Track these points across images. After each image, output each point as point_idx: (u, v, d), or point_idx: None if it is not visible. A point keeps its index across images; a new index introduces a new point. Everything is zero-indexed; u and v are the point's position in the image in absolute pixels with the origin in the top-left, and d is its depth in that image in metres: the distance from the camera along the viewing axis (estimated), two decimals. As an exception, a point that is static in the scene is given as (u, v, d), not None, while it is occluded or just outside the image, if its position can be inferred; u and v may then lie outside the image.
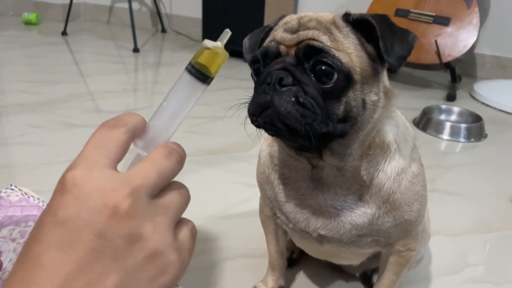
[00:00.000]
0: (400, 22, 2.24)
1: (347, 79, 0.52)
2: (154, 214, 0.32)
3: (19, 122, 1.69)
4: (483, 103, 2.20)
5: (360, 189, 0.62)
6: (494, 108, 2.14)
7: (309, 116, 0.51)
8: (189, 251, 0.35)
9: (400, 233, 0.68)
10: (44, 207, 1.07)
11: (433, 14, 2.19)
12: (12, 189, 1.14)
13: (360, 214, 0.63)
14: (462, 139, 1.74)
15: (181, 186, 0.36)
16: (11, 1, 3.62)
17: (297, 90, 0.51)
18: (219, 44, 0.41)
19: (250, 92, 0.58)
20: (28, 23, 3.34)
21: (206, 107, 2.02)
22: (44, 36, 3.14)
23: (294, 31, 0.56)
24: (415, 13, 2.22)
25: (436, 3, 2.20)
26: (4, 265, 0.90)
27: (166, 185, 0.35)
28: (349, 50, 0.53)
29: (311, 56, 0.52)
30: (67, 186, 0.31)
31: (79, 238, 0.30)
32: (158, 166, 0.34)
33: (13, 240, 0.97)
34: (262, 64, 0.57)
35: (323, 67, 0.52)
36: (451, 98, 2.21)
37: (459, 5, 2.16)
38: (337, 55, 0.52)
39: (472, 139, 1.75)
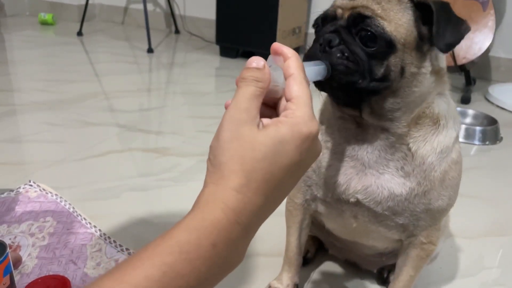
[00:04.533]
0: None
1: (389, 46, 0.58)
2: None
3: (36, 120, 1.72)
4: (498, 106, 2.18)
5: (405, 158, 0.65)
6: (509, 111, 2.12)
7: (353, 67, 0.57)
8: None
9: (428, 220, 0.69)
10: (61, 203, 1.09)
11: (448, 16, 2.17)
12: (31, 185, 1.16)
13: (399, 183, 0.65)
14: (477, 142, 1.73)
15: None
16: (27, 2, 3.68)
17: (343, 48, 0.58)
18: None
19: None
20: (44, 23, 3.39)
21: (219, 107, 2.03)
22: (60, 36, 3.18)
23: None
24: (430, 15, 2.21)
25: (451, 5, 2.18)
26: (23, 259, 0.92)
27: None
28: (399, 22, 0.59)
29: (359, 22, 0.58)
30: (312, 135, 0.41)
31: (303, 170, 0.43)
32: None
33: (32, 235, 0.99)
34: (321, 26, 0.63)
35: (367, 33, 0.58)
36: (465, 101, 2.19)
37: (474, 7, 2.14)
38: (381, 23, 0.57)
39: (487, 142, 1.73)
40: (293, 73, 0.42)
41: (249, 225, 0.39)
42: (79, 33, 3.14)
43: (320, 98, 0.71)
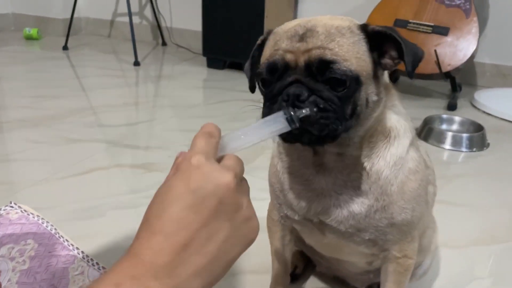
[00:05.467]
0: (399, 32, 2.25)
1: (356, 83, 0.57)
2: (245, 192, 0.46)
3: (21, 137, 1.69)
4: (484, 112, 2.19)
5: (360, 177, 0.65)
6: (495, 116, 2.13)
7: (332, 117, 0.55)
8: None
9: (396, 234, 0.69)
10: (43, 225, 1.07)
11: (432, 24, 2.19)
12: (12, 207, 1.14)
13: (358, 202, 0.66)
14: (464, 149, 1.73)
15: (245, 179, 0.49)
16: (12, 17, 3.65)
17: (315, 99, 0.54)
18: None
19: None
20: (29, 38, 3.37)
21: (206, 120, 2.00)
22: (45, 51, 3.16)
23: (300, 37, 0.57)
24: (414, 23, 2.23)
25: (435, 13, 2.20)
26: (3, 285, 0.89)
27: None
28: (358, 55, 0.57)
29: (324, 69, 0.55)
30: (195, 165, 0.42)
31: (206, 202, 0.41)
32: (239, 164, 0.47)
33: (12, 259, 0.96)
34: (270, 77, 0.58)
35: (336, 78, 0.55)
36: (452, 107, 2.21)
37: (458, 14, 2.17)
38: (347, 65, 0.55)
39: (474, 149, 1.74)
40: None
41: (159, 265, 0.40)
42: (65, 47, 3.12)
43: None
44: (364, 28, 0.59)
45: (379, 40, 0.59)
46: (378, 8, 2.34)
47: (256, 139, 0.50)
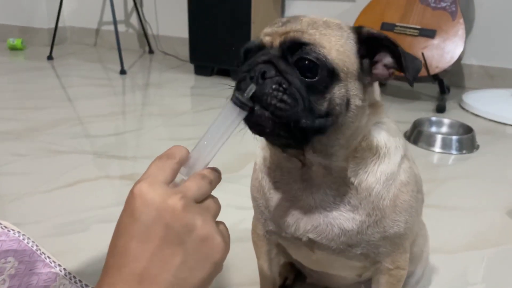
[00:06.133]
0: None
1: (331, 75, 0.53)
2: (201, 212, 0.44)
3: (4, 150, 1.65)
4: (472, 114, 2.19)
5: (349, 192, 0.62)
6: (484, 118, 2.14)
7: (291, 103, 0.51)
8: (228, 238, 0.46)
9: (388, 247, 0.66)
10: (24, 241, 1.03)
11: (419, 27, 2.20)
12: (-8, 223, 1.10)
13: (349, 219, 0.63)
14: (454, 151, 1.73)
15: (214, 197, 0.48)
16: (-4, 27, 3.60)
17: (280, 79, 0.51)
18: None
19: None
20: (13, 48, 3.32)
21: (193, 128, 1.99)
22: (30, 61, 3.11)
23: (283, 23, 0.56)
24: (401, 26, 2.23)
25: (421, 16, 2.21)
26: (-18, 306, 0.85)
27: (204, 197, 0.46)
28: (341, 49, 0.54)
29: (296, 50, 0.52)
30: (136, 194, 0.42)
31: (152, 229, 0.41)
32: (196, 183, 0.45)
33: (-8, 278, 0.93)
34: (245, 58, 0.57)
35: (307, 62, 0.52)
36: (441, 109, 2.21)
37: (444, 17, 2.17)
38: (321, 50, 0.52)
39: (464, 151, 1.73)
40: None
41: (111, 283, 0.41)
42: (50, 57, 3.08)
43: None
44: (357, 30, 0.57)
45: (372, 47, 0.56)
46: (365, 12, 2.34)
47: (220, 139, 0.48)
